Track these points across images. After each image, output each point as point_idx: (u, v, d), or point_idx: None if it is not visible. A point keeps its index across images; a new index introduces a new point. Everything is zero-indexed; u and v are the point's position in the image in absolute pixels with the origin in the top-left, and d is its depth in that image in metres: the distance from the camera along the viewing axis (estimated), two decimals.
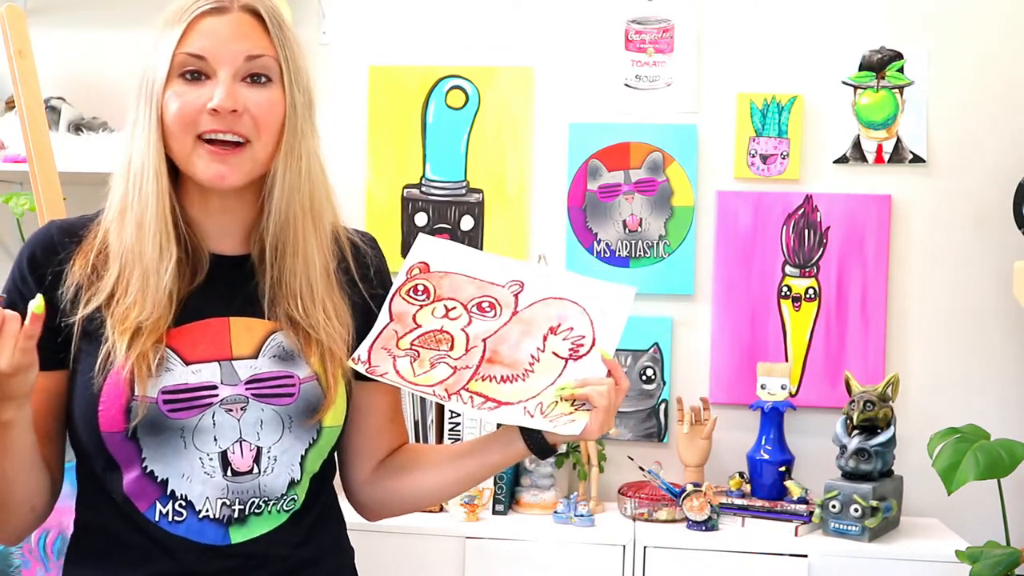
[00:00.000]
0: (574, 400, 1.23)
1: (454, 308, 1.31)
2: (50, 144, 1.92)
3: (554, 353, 1.28)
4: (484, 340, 1.29)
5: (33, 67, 1.90)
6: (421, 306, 1.31)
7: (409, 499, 1.37)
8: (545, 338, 1.29)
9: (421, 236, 1.39)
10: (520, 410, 1.24)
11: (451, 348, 1.29)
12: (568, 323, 1.30)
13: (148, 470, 1.17)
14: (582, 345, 1.28)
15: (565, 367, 1.27)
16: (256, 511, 1.21)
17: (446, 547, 2.31)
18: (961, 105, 2.64)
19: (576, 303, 1.31)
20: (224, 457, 1.18)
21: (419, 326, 1.30)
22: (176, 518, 1.18)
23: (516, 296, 1.31)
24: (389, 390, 1.37)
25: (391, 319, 1.31)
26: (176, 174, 1.22)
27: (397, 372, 1.27)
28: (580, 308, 1.30)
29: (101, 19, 2.81)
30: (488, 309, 1.31)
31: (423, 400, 2.49)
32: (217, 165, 1.18)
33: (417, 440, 2.50)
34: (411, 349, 1.28)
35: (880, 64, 2.64)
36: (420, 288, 1.33)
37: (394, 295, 1.32)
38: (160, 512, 1.18)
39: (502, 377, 1.27)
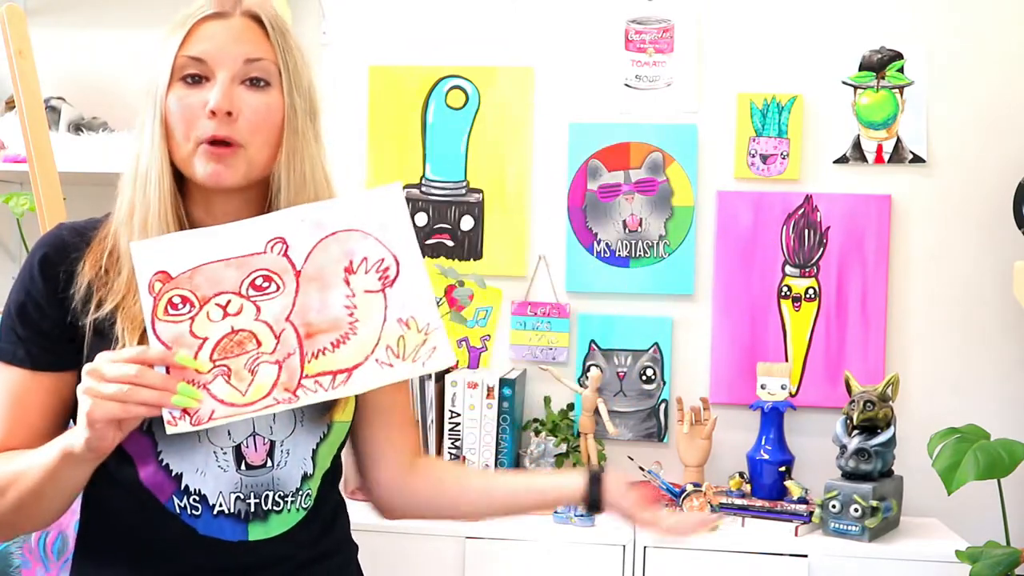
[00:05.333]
0: (419, 328, 1.15)
1: (229, 303, 1.12)
2: (50, 144, 1.92)
3: (366, 291, 1.14)
4: (287, 319, 1.12)
5: (33, 67, 1.90)
6: (192, 319, 1.11)
7: (442, 510, 1.41)
8: (347, 282, 1.14)
9: (133, 246, 1.13)
10: (374, 365, 1.12)
11: (259, 345, 1.11)
12: (359, 254, 1.15)
13: (164, 463, 1.18)
14: (388, 268, 1.15)
15: (386, 300, 1.14)
16: (276, 509, 1.22)
17: (446, 547, 2.31)
18: (961, 105, 2.64)
19: (351, 230, 1.16)
20: (238, 451, 1.20)
21: (206, 339, 1.11)
22: (193, 512, 1.19)
23: (285, 255, 1.14)
24: (399, 385, 1.37)
25: (169, 349, 1.10)
26: (182, 178, 1.22)
27: (222, 402, 1.09)
28: (359, 233, 1.16)
29: (101, 19, 2.81)
30: (267, 284, 1.13)
31: (423, 400, 2.49)
32: (214, 164, 1.18)
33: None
34: (216, 367, 1.10)
35: (880, 64, 2.64)
36: (176, 301, 1.11)
37: (152, 322, 1.10)
38: (179, 506, 1.19)
39: (333, 344, 1.13)
